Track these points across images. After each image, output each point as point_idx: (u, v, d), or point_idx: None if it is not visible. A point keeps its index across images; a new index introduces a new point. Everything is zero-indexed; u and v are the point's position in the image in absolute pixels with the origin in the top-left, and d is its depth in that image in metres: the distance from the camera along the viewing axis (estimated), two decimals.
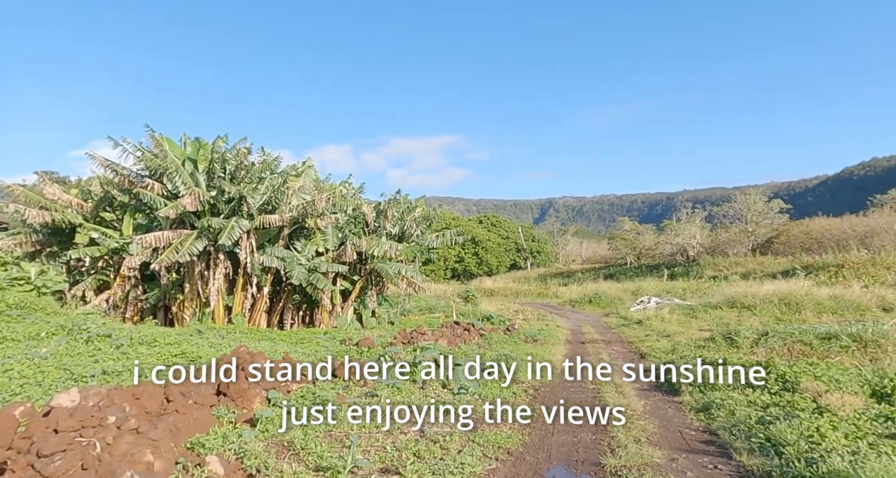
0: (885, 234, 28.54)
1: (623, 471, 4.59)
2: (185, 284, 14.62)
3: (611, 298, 27.75)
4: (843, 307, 17.32)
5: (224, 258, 14.45)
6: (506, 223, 63.75)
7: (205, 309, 14.46)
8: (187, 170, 14.40)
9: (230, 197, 14.21)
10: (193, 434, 4.97)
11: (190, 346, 8.94)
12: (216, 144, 14.43)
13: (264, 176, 15.22)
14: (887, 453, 3.98)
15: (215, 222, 13.53)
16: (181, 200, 13.65)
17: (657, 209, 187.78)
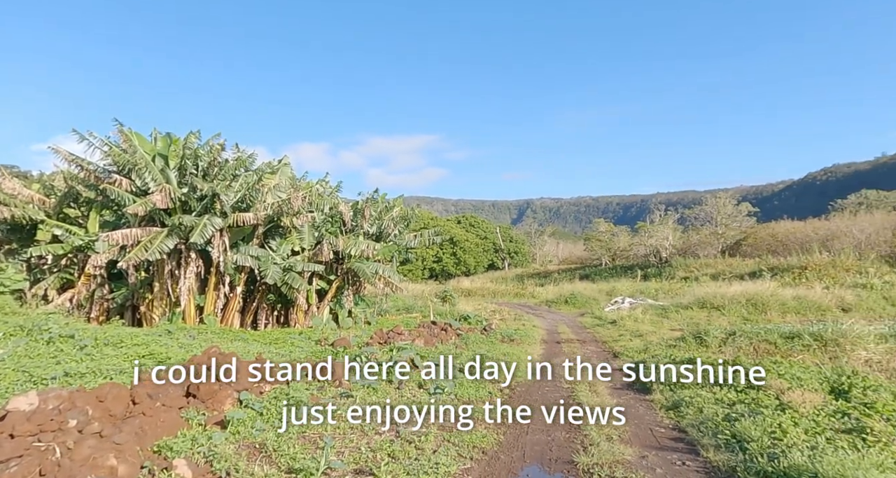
0: (845, 237, 29.77)
1: (595, 469, 4.66)
2: (155, 283, 14.20)
3: (586, 299, 28.17)
4: (805, 307, 18.01)
5: (196, 257, 14.09)
6: (484, 224, 64.07)
7: (175, 309, 14.08)
8: (158, 166, 13.99)
9: (203, 194, 13.86)
10: (161, 437, 4.83)
11: (159, 347, 8.69)
12: (188, 140, 14.05)
13: (238, 173, 14.91)
14: (843, 448, 4.15)
15: (187, 220, 13.19)
16: (151, 196, 13.26)
17: (632, 211, 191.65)
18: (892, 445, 4.25)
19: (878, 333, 10.23)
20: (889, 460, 3.90)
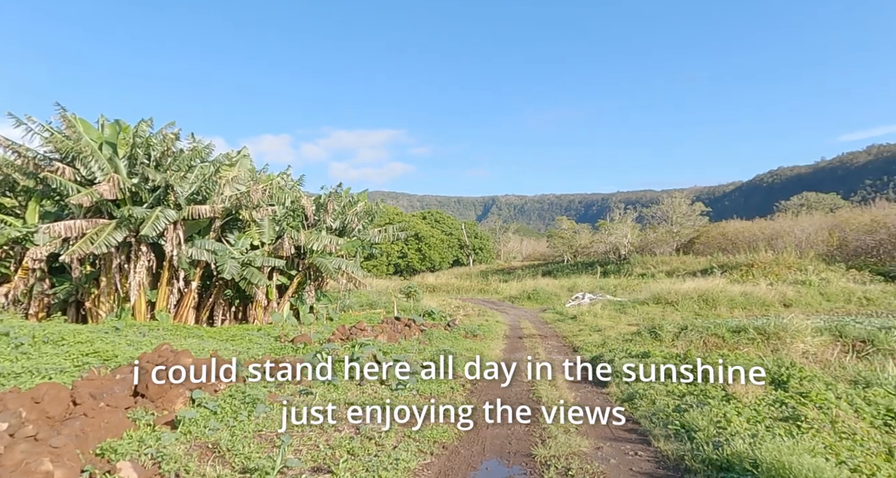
0: (788, 236, 31.62)
1: (552, 460, 4.76)
2: (102, 277, 13.47)
3: (548, 295, 28.74)
4: (751, 303, 19.03)
5: (147, 250, 13.46)
6: (449, 220, 64.22)
7: (124, 305, 13.40)
8: (105, 154, 13.24)
9: (155, 185, 13.24)
10: (105, 439, 4.59)
11: (105, 344, 8.25)
12: (139, 128, 13.35)
13: (194, 164, 14.31)
14: (780, 435, 4.41)
15: (137, 212, 12.56)
16: (97, 186, 12.54)
17: (593, 209, 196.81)
18: (823, 431, 4.55)
19: (814, 326, 10.92)
20: (820, 445, 4.17)
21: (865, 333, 10.48)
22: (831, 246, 28.74)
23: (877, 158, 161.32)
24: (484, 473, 4.66)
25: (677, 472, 4.45)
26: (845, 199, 71.42)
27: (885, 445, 4.26)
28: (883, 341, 10.08)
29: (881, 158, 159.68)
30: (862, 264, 24.67)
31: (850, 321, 12.07)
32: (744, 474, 3.91)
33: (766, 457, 3.76)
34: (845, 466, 3.77)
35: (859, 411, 5.09)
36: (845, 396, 5.59)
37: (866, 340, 10.28)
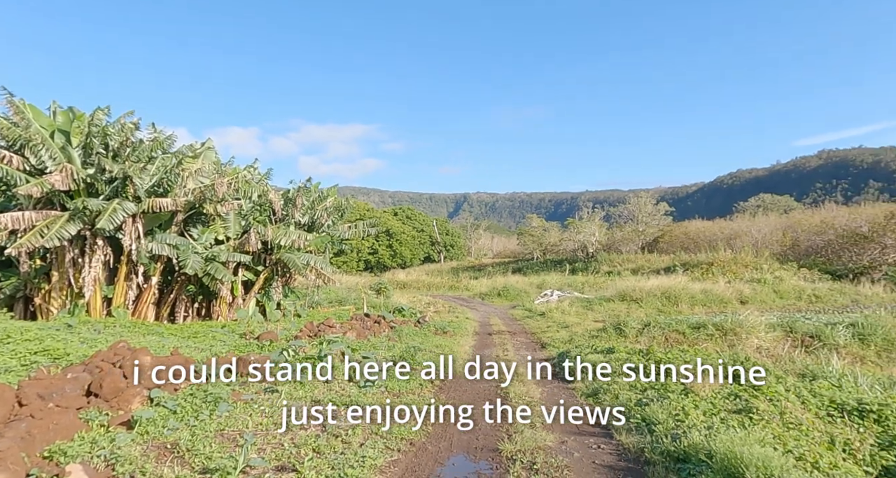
0: (745, 236, 32.99)
1: (518, 455, 4.83)
2: (53, 272, 12.81)
3: (518, 292, 29.09)
4: (711, 300, 19.78)
5: (104, 244, 12.88)
6: (421, 216, 64.09)
7: (78, 301, 12.80)
8: (57, 143, 12.58)
9: (112, 176, 12.67)
10: (54, 441, 4.37)
11: (56, 342, 7.85)
12: (95, 117, 12.74)
13: (155, 155, 13.77)
14: (733, 426, 4.61)
15: (92, 204, 12.00)
16: (49, 176, 11.91)
17: (563, 208, 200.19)
18: (773, 422, 4.78)
19: (767, 323, 11.45)
20: (769, 435, 4.38)
21: (813, 328, 11.06)
22: (785, 246, 30.16)
23: (827, 162, 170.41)
24: (451, 468, 4.68)
25: (637, 464, 4.58)
26: (798, 201, 75.19)
27: (828, 434, 4.52)
28: (829, 337, 10.67)
29: (830, 163, 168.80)
30: (812, 263, 26.01)
31: (800, 318, 12.71)
32: (699, 464, 4.07)
33: (719, 448, 3.93)
34: (791, 454, 3.97)
35: (806, 403, 5.37)
36: (794, 388, 5.88)
37: (814, 336, 10.85)
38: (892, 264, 23.20)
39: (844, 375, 6.72)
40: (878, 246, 24.52)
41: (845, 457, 4.12)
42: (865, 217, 27.39)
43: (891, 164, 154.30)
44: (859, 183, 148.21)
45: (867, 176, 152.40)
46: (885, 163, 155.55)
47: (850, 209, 32.97)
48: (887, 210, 27.11)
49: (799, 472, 3.52)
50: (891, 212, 26.14)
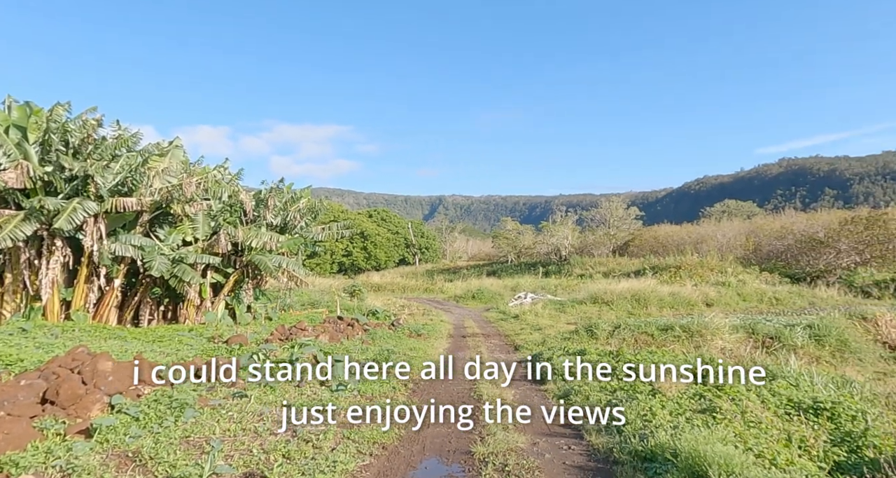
0: (711, 240, 34.12)
1: (490, 457, 4.86)
2: (7, 274, 12.21)
3: (492, 294, 29.27)
4: (678, 302, 20.35)
5: (63, 245, 12.36)
6: (396, 218, 63.84)
7: (33, 304, 12.22)
8: (12, 139, 12.01)
9: (73, 175, 12.17)
10: (5, 452, 4.16)
11: (8, 347, 7.48)
12: (55, 112, 12.21)
13: (119, 153, 13.31)
14: (698, 425, 4.76)
15: (51, 203, 11.49)
16: (2, 174, 11.37)
17: (537, 211, 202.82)
18: (735, 421, 4.96)
19: (731, 324, 11.86)
20: (731, 434, 4.55)
21: (773, 330, 11.52)
22: (748, 250, 31.32)
23: (787, 170, 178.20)
24: (423, 472, 4.67)
25: (606, 464, 4.68)
26: (760, 206, 78.23)
27: (786, 432, 4.71)
28: (787, 338, 11.13)
29: (790, 171, 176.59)
30: (773, 267, 27.08)
31: (762, 319, 13.20)
32: (665, 463, 4.18)
33: (684, 447, 4.05)
34: (751, 452, 4.13)
35: (765, 402, 5.58)
36: (754, 388, 6.11)
37: (774, 337, 11.30)
38: (845, 268, 24.39)
39: (801, 374, 7.02)
40: (833, 251, 25.73)
41: (801, 453, 4.30)
42: (821, 223, 28.73)
43: (844, 172, 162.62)
44: (816, 190, 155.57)
45: (823, 184, 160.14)
46: (840, 172, 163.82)
47: (807, 215, 34.50)
48: (841, 217, 28.51)
49: (758, 469, 3.66)
50: (844, 218, 27.49)
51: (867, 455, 4.09)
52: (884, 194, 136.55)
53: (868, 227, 25.38)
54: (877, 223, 25.31)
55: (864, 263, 24.42)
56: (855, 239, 25.34)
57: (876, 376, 9.60)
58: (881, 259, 24.24)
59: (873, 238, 24.95)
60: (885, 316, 12.78)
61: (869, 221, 25.66)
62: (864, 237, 25.19)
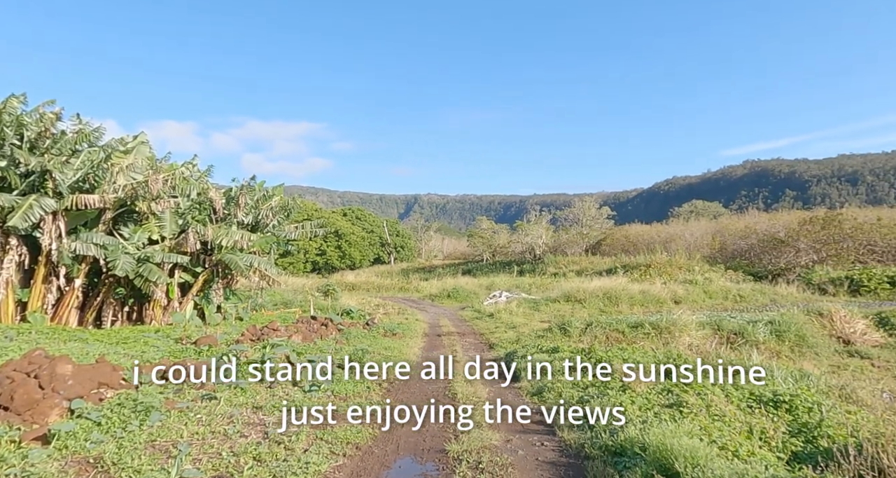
0: (680, 239, 35.12)
1: (464, 455, 4.88)
2: None
3: (467, 293, 29.39)
4: (648, 300, 20.88)
5: (18, 243, 11.80)
6: (370, 217, 63.37)
7: None
8: None
9: (28, 170, 11.64)
10: None
11: None
12: (8, 104, 11.64)
13: (80, 148, 12.79)
14: (665, 420, 4.90)
15: (4, 199, 10.96)
16: None
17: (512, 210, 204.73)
18: (700, 415, 5.13)
19: (697, 321, 12.23)
20: (697, 427, 4.70)
21: (737, 326, 11.94)
22: (714, 249, 32.38)
23: (751, 171, 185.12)
24: (397, 471, 4.66)
25: (578, 459, 4.76)
26: (726, 207, 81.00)
27: (748, 424, 4.90)
28: (750, 334, 11.56)
29: (754, 172, 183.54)
30: (737, 265, 28.08)
31: (726, 316, 13.67)
32: (634, 457, 4.28)
33: (652, 441, 4.16)
34: (715, 444, 4.27)
35: (729, 396, 5.79)
36: (719, 382, 6.32)
37: (738, 333, 11.72)
38: (804, 266, 25.48)
39: (763, 368, 7.30)
40: (792, 250, 26.85)
41: (761, 444, 4.48)
42: (782, 223, 29.94)
43: (803, 174, 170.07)
44: (778, 191, 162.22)
45: (784, 185, 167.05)
46: (799, 174, 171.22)
47: (769, 216, 35.89)
48: (800, 217, 29.77)
49: (721, 461, 3.79)
50: (803, 219, 28.72)
51: (822, 445, 4.29)
52: (839, 196, 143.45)
53: (824, 227, 26.58)
54: (832, 223, 26.54)
55: (821, 261, 25.57)
56: (812, 238, 26.51)
57: (831, 370, 10.08)
58: (836, 258, 25.43)
59: (829, 238, 26.15)
60: (839, 312, 13.41)
61: (825, 222, 26.87)
62: (821, 237, 26.37)
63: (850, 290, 21.41)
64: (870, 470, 3.25)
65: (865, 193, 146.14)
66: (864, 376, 9.67)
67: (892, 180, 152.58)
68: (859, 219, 27.13)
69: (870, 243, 25.58)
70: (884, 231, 25.52)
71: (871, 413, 4.96)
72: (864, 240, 25.64)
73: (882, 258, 25.11)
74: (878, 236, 25.49)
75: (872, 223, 26.23)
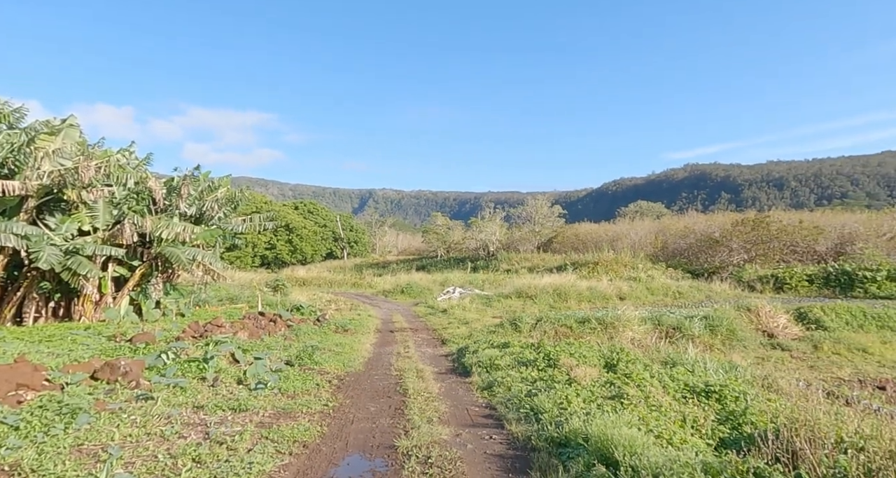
0: (625, 238, 36.68)
1: (413, 450, 4.88)
2: None
3: (421, 289, 29.38)
4: (596, 296, 21.68)
5: None
6: (324, 211, 61.97)
7: None
8: None
9: None
10: None
11: None
12: None
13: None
14: (608, 411, 5.12)
15: None
16: None
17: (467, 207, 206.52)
18: (639, 406, 5.39)
19: (640, 317, 12.83)
20: (636, 418, 4.94)
21: (676, 321, 12.63)
22: (657, 248, 34.06)
23: (691, 174, 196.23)
24: (346, 468, 4.59)
25: (525, 451, 4.88)
26: (668, 207, 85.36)
27: (681, 413, 5.20)
28: (687, 328, 12.26)
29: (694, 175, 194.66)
30: (677, 264, 29.69)
31: (666, 312, 14.44)
32: (577, 448, 4.44)
33: (594, 431, 4.33)
34: (652, 433, 4.51)
35: (666, 387, 6.12)
36: (657, 375, 6.67)
37: (676, 328, 12.40)
38: (736, 265, 27.31)
39: (697, 361, 7.77)
40: (726, 249, 28.70)
41: (693, 432, 4.77)
42: (718, 224, 31.91)
43: (737, 178, 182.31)
44: (714, 194, 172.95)
45: (721, 188, 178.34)
46: (733, 178, 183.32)
47: (706, 217, 38.14)
48: (733, 219, 31.83)
49: (656, 448, 4.00)
50: (735, 220, 30.73)
51: (746, 431, 4.62)
52: (767, 199, 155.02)
53: (754, 228, 28.59)
54: (761, 225, 28.59)
55: (751, 260, 27.50)
56: (744, 239, 28.44)
57: (756, 361, 10.87)
58: (764, 257, 27.42)
59: (758, 238, 28.16)
60: (764, 308, 14.49)
61: (755, 224, 28.91)
62: (751, 237, 28.35)
63: (775, 287, 23.16)
64: (785, 453, 3.54)
65: (790, 197, 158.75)
66: (784, 367, 10.51)
67: (812, 186, 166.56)
68: (784, 221, 29.38)
69: (792, 244, 27.77)
70: (804, 233, 27.77)
71: (789, 401, 5.39)
72: (787, 241, 27.80)
73: (802, 258, 27.32)
74: (799, 238, 27.71)
75: (795, 226, 28.48)
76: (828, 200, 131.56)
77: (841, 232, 27.83)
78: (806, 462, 3.29)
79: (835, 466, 3.12)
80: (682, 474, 3.24)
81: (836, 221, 29.83)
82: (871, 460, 3.03)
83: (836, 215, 32.35)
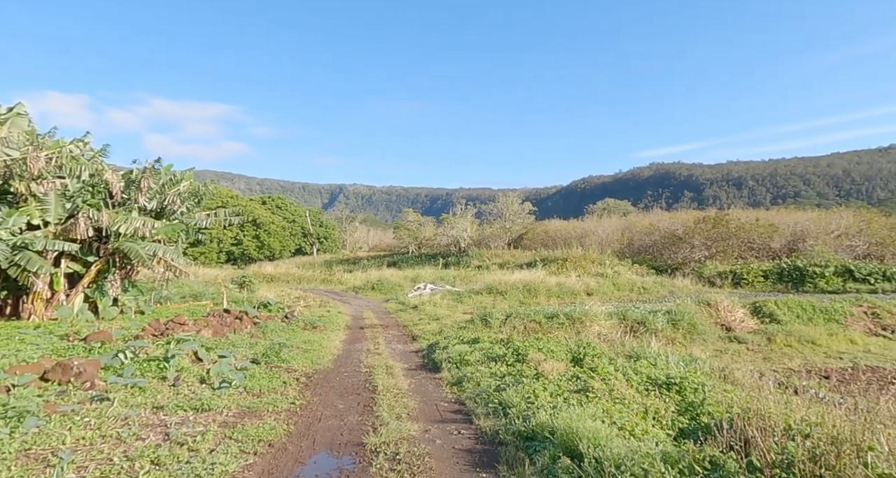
0: (593, 235, 37.47)
1: (382, 447, 4.86)
2: None
3: (392, 285, 29.21)
4: (564, 292, 22.06)
5: None
6: (292, 206, 60.78)
7: None
8: None
9: None
10: None
11: None
12: None
13: None
14: (574, 404, 5.22)
15: None
16: None
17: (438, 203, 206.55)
18: (604, 399, 5.53)
19: (606, 312, 13.14)
20: (600, 410, 5.06)
21: (640, 316, 13.00)
22: (623, 244, 34.93)
23: (656, 173, 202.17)
24: (312, 466, 4.53)
25: (492, 445, 4.93)
26: (634, 205, 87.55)
27: (644, 405, 5.36)
28: (651, 323, 12.64)
29: (659, 174, 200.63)
30: (642, 260, 30.54)
31: (632, 307, 14.84)
32: (544, 441, 4.52)
33: (560, 425, 4.41)
34: (615, 425, 4.63)
35: (630, 380, 6.29)
36: (622, 368, 6.85)
37: (640, 322, 12.76)
38: (698, 261, 28.31)
39: (660, 354, 8.02)
40: (688, 246, 29.71)
41: (654, 423, 4.92)
42: (681, 222, 32.99)
43: (699, 178, 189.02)
44: (678, 192, 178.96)
45: (684, 187, 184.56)
46: (696, 177, 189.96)
47: (670, 215, 39.35)
48: (695, 217, 32.97)
49: (619, 440, 4.12)
50: (697, 218, 31.85)
51: (703, 421, 4.81)
52: (727, 198, 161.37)
53: (714, 226, 29.70)
54: (721, 223, 29.73)
55: (712, 256, 28.57)
56: (705, 236, 29.52)
57: (715, 354, 11.33)
58: (723, 254, 28.54)
59: (718, 235, 29.28)
60: (723, 302, 15.08)
61: (715, 221, 30.04)
62: (712, 235, 29.45)
63: (734, 282, 24.15)
64: (738, 441, 3.70)
65: (748, 196, 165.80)
66: (740, 359, 10.98)
67: (768, 185, 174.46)
68: (742, 219, 30.64)
69: (749, 241, 29.00)
70: (760, 231, 29.05)
71: (743, 391, 5.63)
72: (745, 238, 29.02)
73: (758, 255, 28.59)
74: (755, 235, 28.97)
75: (752, 224, 29.74)
76: (782, 199, 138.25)
77: (794, 230, 29.24)
78: (757, 449, 3.44)
79: (783, 452, 3.28)
80: (642, 464, 3.34)
81: (789, 219, 31.32)
82: (816, 445, 3.20)
83: (789, 214, 33.94)
